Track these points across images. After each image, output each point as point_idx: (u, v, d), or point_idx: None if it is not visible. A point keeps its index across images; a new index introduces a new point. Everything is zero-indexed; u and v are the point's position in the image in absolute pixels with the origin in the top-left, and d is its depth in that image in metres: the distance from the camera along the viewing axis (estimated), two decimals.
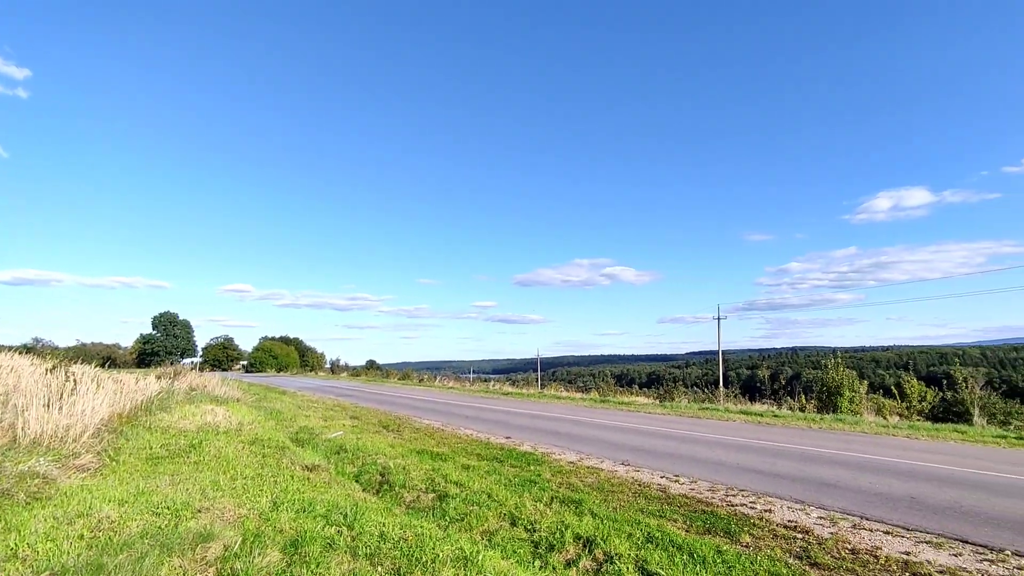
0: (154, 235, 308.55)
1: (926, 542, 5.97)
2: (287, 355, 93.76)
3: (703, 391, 29.79)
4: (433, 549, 4.75)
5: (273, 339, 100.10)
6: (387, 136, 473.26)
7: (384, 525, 5.39)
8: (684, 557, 5.30)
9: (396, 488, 8.20)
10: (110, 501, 5.38)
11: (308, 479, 7.95)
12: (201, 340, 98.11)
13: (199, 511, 5.38)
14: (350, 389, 37.69)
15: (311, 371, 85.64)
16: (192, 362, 73.40)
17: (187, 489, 6.24)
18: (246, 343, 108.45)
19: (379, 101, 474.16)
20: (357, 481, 8.85)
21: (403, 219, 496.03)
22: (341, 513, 5.69)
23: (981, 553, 5.64)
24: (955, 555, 5.59)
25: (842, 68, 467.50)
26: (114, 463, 7.64)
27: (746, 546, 5.83)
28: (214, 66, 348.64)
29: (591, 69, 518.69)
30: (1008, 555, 5.56)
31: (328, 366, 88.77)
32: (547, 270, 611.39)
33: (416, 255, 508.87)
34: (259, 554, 4.26)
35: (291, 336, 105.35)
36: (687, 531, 6.31)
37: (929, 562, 5.37)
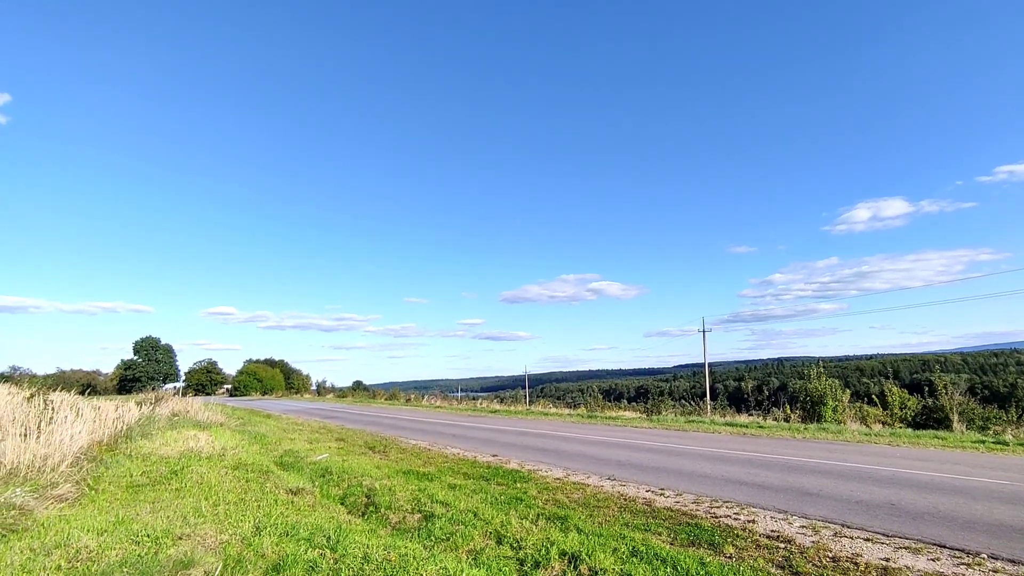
0: (135, 259, 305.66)
1: (905, 548, 6.07)
2: (272, 378, 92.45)
3: (690, 404, 29.91)
4: (417, 569, 4.75)
5: (257, 362, 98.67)
6: (372, 156, 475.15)
7: (368, 547, 5.36)
8: (668, 570, 5.33)
9: (382, 509, 8.14)
10: (88, 531, 5.31)
11: (292, 503, 7.88)
12: (184, 364, 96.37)
13: (180, 538, 5.32)
14: (336, 411, 37.27)
15: (297, 393, 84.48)
16: (175, 387, 72.11)
17: (168, 516, 6.17)
18: (230, 367, 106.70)
19: (365, 121, 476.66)
20: (342, 503, 8.77)
21: (389, 238, 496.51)
22: (324, 536, 5.65)
23: (958, 557, 5.75)
24: (933, 560, 5.69)
25: (818, 82, 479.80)
26: (93, 492, 7.51)
27: (729, 557, 5.88)
28: (195, 88, 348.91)
29: (576, 85, 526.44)
30: (984, 559, 5.68)
31: (314, 388, 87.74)
32: (534, 286, 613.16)
33: (403, 274, 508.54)
34: None
35: (276, 358, 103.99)
36: (671, 544, 6.35)
37: (908, 567, 5.46)
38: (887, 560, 5.68)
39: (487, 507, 7.89)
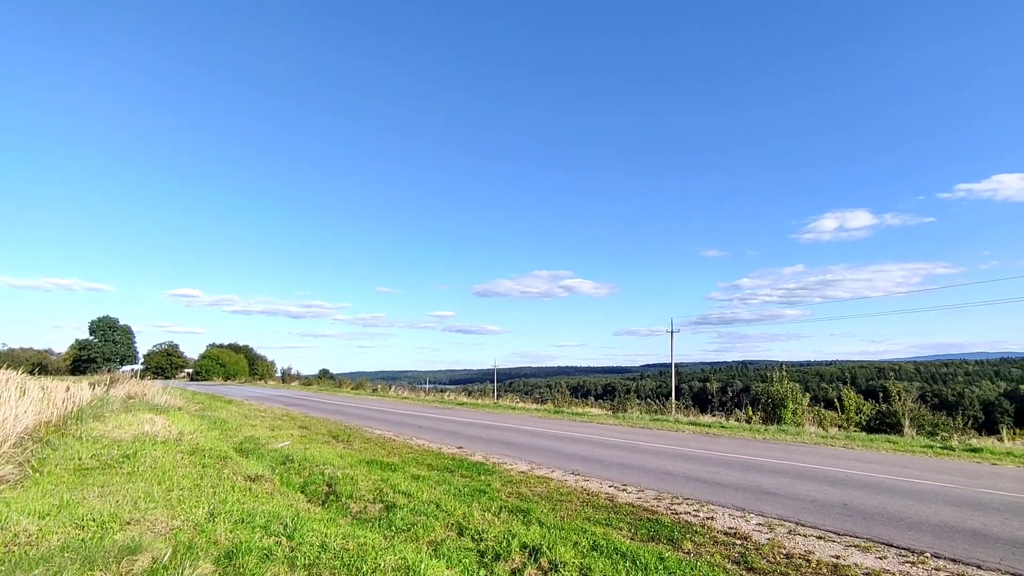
0: (95, 235, 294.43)
1: (855, 546, 6.25)
2: (236, 363, 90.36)
3: (656, 402, 30.31)
4: (376, 559, 4.67)
5: (221, 346, 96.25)
6: (345, 141, 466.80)
7: (326, 535, 5.26)
8: (627, 564, 5.37)
9: (343, 499, 8.01)
10: (30, 514, 5.06)
11: (250, 490, 7.69)
12: (144, 347, 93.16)
13: (128, 523, 5.13)
14: (301, 398, 36.66)
15: (261, 380, 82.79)
16: (132, 370, 69.80)
17: (116, 501, 5.93)
18: (192, 350, 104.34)
19: (339, 105, 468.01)
20: (303, 492, 8.61)
21: (362, 226, 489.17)
22: (282, 523, 5.52)
23: (904, 556, 5.95)
24: (880, 558, 5.88)
25: (793, 86, 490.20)
26: (38, 475, 7.19)
27: (687, 553, 5.97)
28: (167, 59, 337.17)
29: (554, 77, 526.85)
30: (927, 557, 5.89)
31: (279, 375, 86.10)
32: (506, 281, 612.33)
33: (375, 263, 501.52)
34: (190, 566, 4.09)
35: (241, 344, 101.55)
36: (632, 539, 6.41)
37: (856, 564, 5.63)
38: (837, 558, 5.84)
39: (450, 499, 7.84)
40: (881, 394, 23.86)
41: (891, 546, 6.27)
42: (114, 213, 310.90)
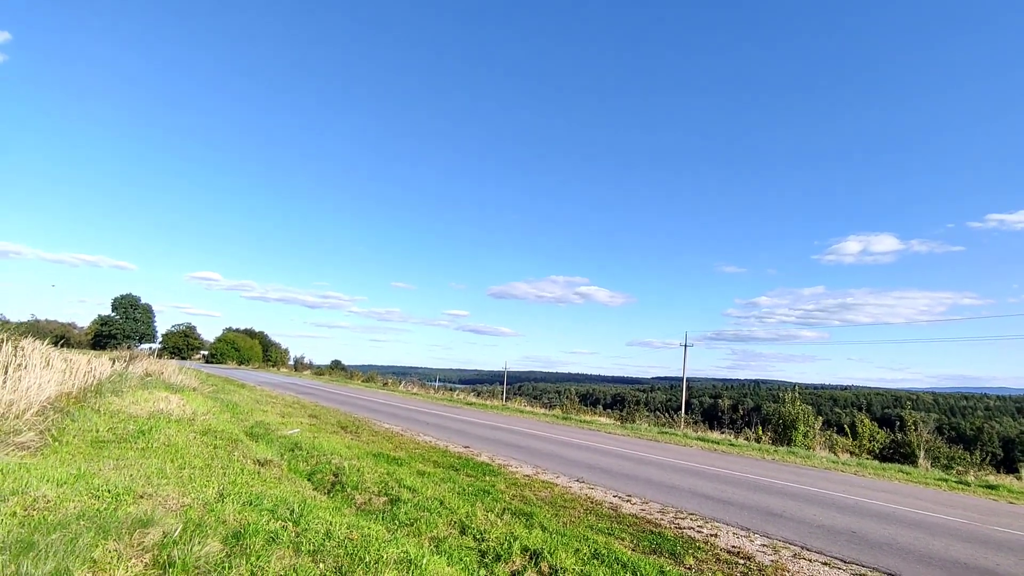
0: (123, 214, 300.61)
1: (860, 575, 6.16)
2: (250, 348, 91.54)
3: (665, 415, 30.14)
4: (378, 550, 4.73)
5: (237, 331, 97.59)
6: (369, 137, 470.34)
7: (331, 524, 5.33)
8: (628, 575, 5.37)
9: (348, 489, 8.10)
10: (48, 481, 5.21)
11: (259, 473, 7.82)
12: (162, 326, 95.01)
13: (141, 496, 5.25)
14: (312, 387, 37.05)
15: (273, 366, 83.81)
16: (150, 348, 71.17)
17: (131, 474, 6.08)
18: (209, 333, 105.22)
19: (367, 102, 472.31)
20: (309, 479, 8.72)
21: (382, 221, 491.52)
22: (288, 509, 5.61)
23: None
24: None
25: (819, 108, 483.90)
26: (57, 443, 7.39)
27: (689, 568, 5.94)
28: (196, 50, 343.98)
29: (580, 85, 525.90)
30: None
31: (292, 363, 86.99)
32: (522, 284, 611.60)
33: (392, 258, 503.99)
34: (199, 543, 4.18)
35: (256, 329, 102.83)
36: (633, 550, 6.39)
37: None
38: None
39: (454, 497, 7.89)
40: (897, 423, 23.50)
41: None
42: (143, 194, 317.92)
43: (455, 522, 6.67)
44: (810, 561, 6.53)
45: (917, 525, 8.84)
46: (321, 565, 4.29)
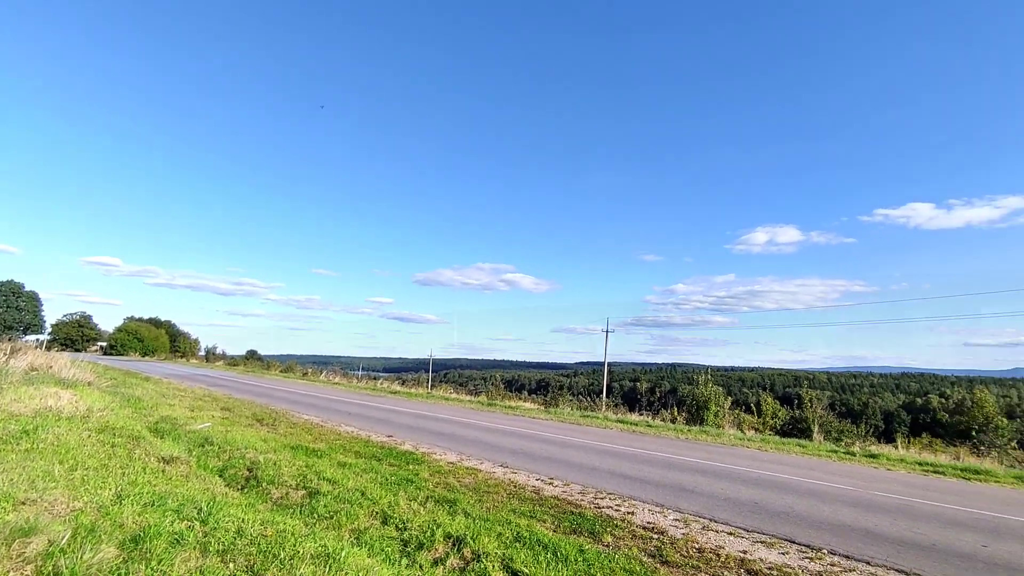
0: (2, 191, 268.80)
1: (761, 542, 6.65)
2: (156, 339, 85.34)
3: (587, 399, 31.04)
4: (295, 546, 4.54)
5: (140, 320, 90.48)
6: (289, 112, 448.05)
7: (243, 521, 5.06)
8: (548, 555, 5.48)
9: (264, 484, 7.74)
10: None
11: (163, 472, 7.29)
12: (53, 316, 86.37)
13: (23, 503, 4.74)
14: (225, 379, 35.08)
15: (183, 358, 78.58)
16: (37, 339, 64.49)
17: (11, 479, 5.46)
18: (108, 323, 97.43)
19: (288, 80, 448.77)
20: (221, 476, 8.25)
21: (301, 203, 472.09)
22: (196, 507, 5.27)
23: (803, 552, 6.38)
24: (783, 553, 6.28)
25: (735, 100, 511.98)
26: None
27: (607, 545, 6.16)
28: (102, 14, 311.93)
29: (511, 73, 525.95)
30: (824, 553, 6.34)
31: (202, 353, 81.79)
32: (448, 271, 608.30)
33: (313, 242, 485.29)
34: (91, 550, 3.82)
35: (162, 319, 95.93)
36: (555, 531, 6.55)
37: (761, 559, 5.99)
38: (745, 552, 6.19)
39: (376, 487, 7.74)
40: (796, 401, 25.49)
41: (793, 543, 6.70)
42: (27, 169, 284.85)
43: (377, 512, 6.54)
44: (717, 532, 6.95)
45: (811, 493, 9.64)
46: (231, 565, 4.06)
